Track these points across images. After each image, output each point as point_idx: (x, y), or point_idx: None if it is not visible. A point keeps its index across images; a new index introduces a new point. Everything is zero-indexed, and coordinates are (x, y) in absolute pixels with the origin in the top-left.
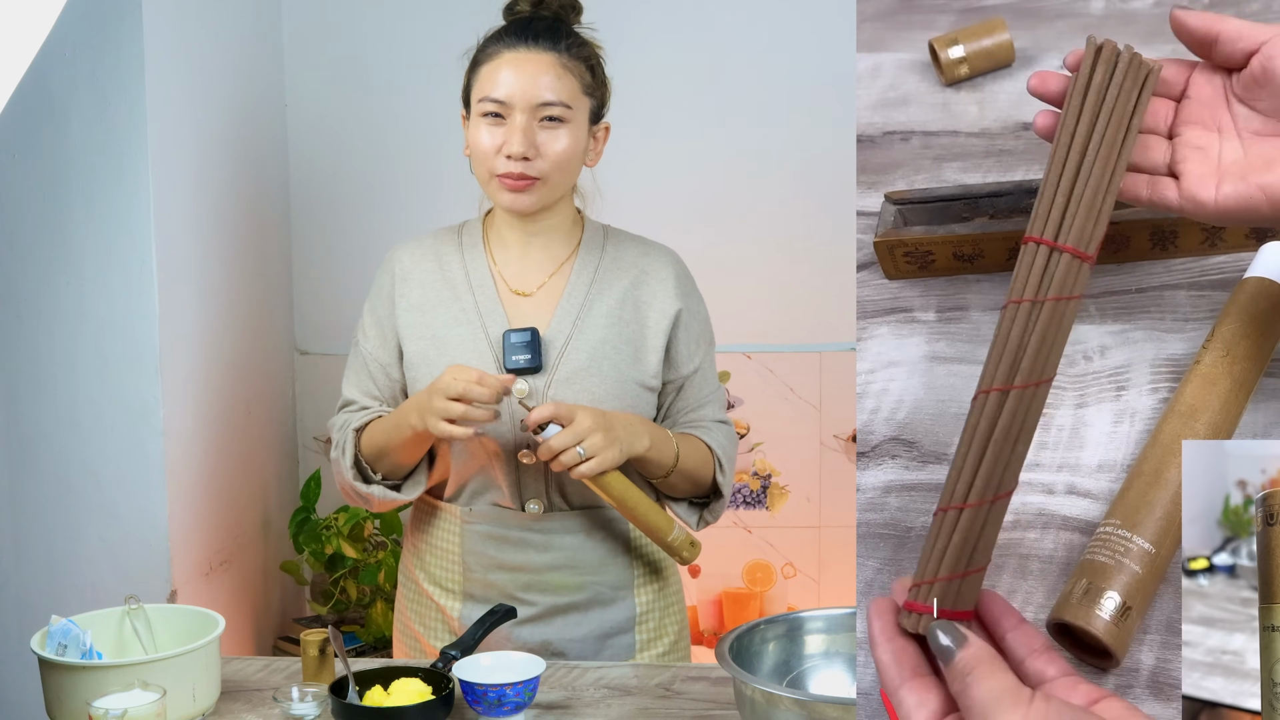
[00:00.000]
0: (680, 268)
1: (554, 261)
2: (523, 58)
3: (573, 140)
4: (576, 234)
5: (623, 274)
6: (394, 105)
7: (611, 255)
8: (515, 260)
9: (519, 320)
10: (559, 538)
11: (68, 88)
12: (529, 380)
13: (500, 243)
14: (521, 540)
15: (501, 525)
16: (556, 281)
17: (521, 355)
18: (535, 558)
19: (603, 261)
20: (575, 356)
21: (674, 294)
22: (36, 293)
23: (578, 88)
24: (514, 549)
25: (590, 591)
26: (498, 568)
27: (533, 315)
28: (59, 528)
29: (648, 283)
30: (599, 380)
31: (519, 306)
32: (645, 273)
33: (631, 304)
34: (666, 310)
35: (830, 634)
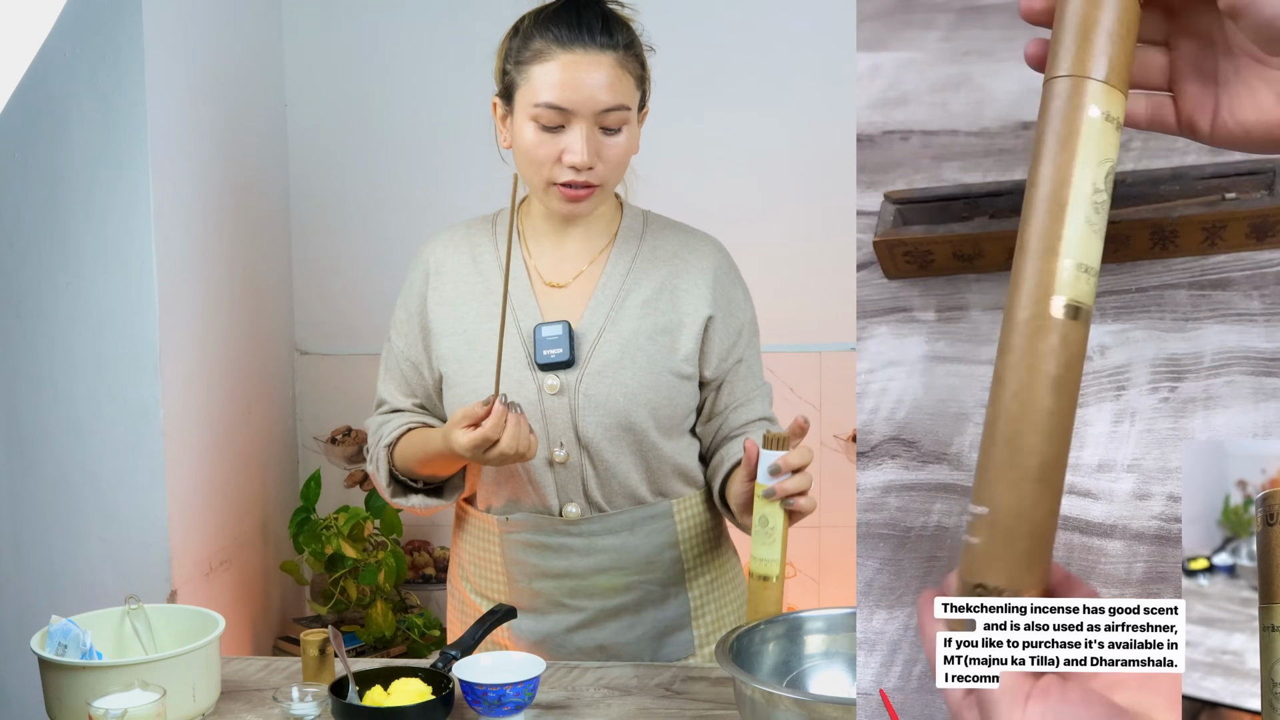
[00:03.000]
0: (722, 257)
1: (590, 252)
2: (581, 60)
3: (629, 140)
4: (615, 222)
5: (660, 264)
6: (394, 105)
7: (650, 245)
8: (550, 251)
9: (552, 313)
10: (600, 540)
11: (68, 88)
12: (560, 375)
13: (535, 234)
14: (563, 546)
15: (540, 533)
16: (592, 272)
17: (553, 350)
18: (579, 562)
19: (640, 251)
20: (608, 349)
21: (711, 284)
22: (36, 293)
23: (632, 85)
24: (556, 555)
25: (640, 591)
26: (542, 575)
27: (566, 308)
28: (59, 528)
29: (687, 272)
30: (632, 372)
31: (552, 299)
32: (685, 262)
33: (669, 294)
34: (704, 299)
35: (830, 634)
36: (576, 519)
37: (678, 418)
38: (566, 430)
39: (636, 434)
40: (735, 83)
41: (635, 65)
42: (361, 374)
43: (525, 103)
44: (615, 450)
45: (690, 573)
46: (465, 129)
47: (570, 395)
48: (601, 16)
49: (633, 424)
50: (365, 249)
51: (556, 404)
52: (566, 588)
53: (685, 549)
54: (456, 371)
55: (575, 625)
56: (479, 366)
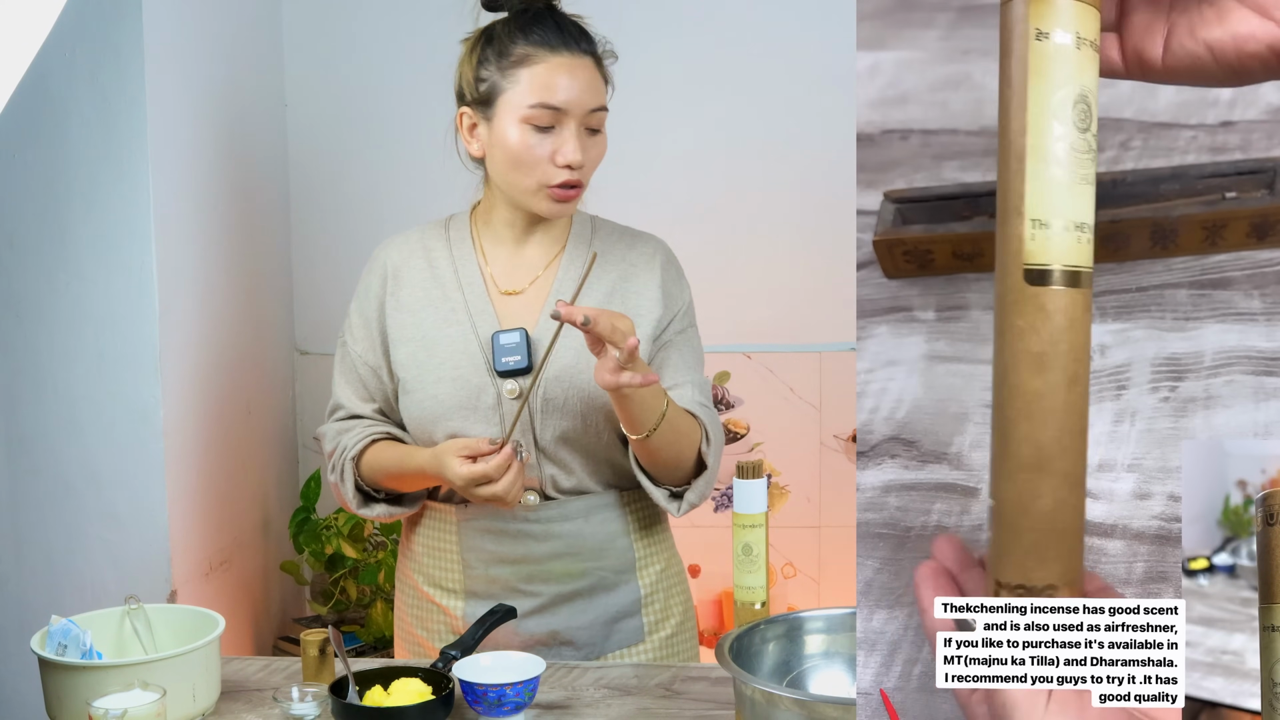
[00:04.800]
0: (666, 256)
1: (543, 258)
2: (569, 63)
3: (604, 143)
4: (565, 229)
5: (610, 268)
6: (394, 105)
7: (600, 248)
8: (506, 258)
9: (509, 320)
10: (557, 525)
11: (68, 88)
12: (519, 381)
13: (493, 239)
14: (520, 532)
15: (498, 519)
16: (545, 279)
17: (511, 357)
18: (535, 548)
19: (589, 254)
20: (564, 354)
21: (659, 283)
22: (36, 293)
23: (606, 91)
24: (513, 541)
25: (593, 577)
26: (498, 562)
27: (522, 314)
28: (59, 528)
29: (636, 275)
30: (586, 376)
31: (509, 305)
32: (633, 266)
33: (620, 297)
34: (654, 300)
35: (830, 634)
36: (534, 506)
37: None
38: (525, 434)
39: (591, 435)
40: (734, 80)
41: (607, 72)
42: None
43: (514, 105)
44: (570, 451)
45: (640, 561)
46: None
47: (530, 398)
48: (574, 24)
49: (589, 426)
50: (365, 249)
51: (515, 408)
52: (523, 573)
53: (635, 538)
54: (415, 378)
55: (530, 610)
56: (438, 373)
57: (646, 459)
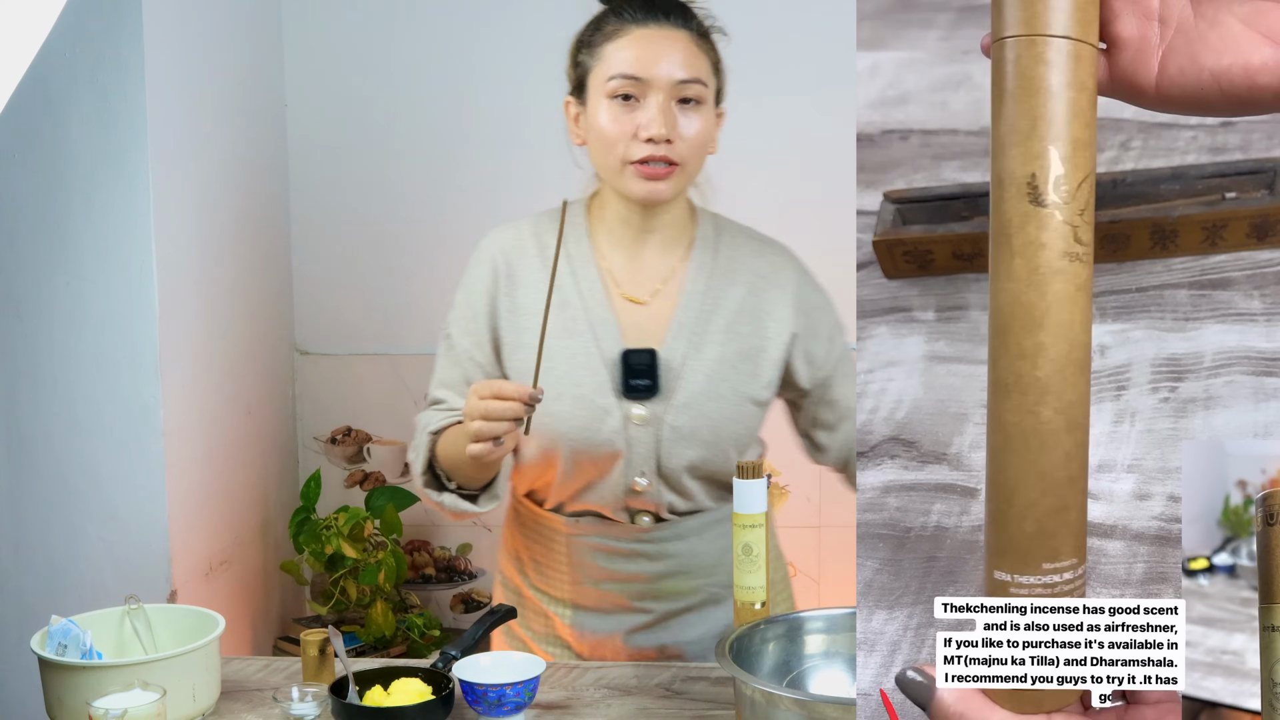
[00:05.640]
0: (798, 268)
1: (668, 264)
2: (655, 34)
3: (706, 123)
4: (690, 229)
5: (738, 278)
6: (394, 105)
7: (726, 256)
8: (627, 260)
9: (633, 333)
10: (671, 545)
11: (68, 88)
12: (648, 405)
13: (610, 237)
14: (633, 552)
15: (610, 538)
16: (671, 288)
17: (641, 380)
18: (648, 567)
19: (717, 264)
20: (694, 379)
21: (793, 301)
22: (36, 293)
23: (709, 67)
24: (625, 560)
25: (705, 593)
26: (609, 579)
27: (647, 327)
28: (59, 528)
29: (767, 290)
30: (717, 404)
31: (632, 316)
32: (763, 278)
33: (749, 314)
34: (785, 320)
35: (830, 634)
36: (649, 528)
37: (752, 439)
38: (649, 460)
39: (719, 463)
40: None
41: (710, 50)
42: (361, 374)
43: (599, 81)
44: (693, 478)
45: None
46: (465, 128)
47: (655, 426)
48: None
49: (716, 455)
50: (365, 249)
51: (641, 434)
52: (634, 591)
53: None
54: None
55: (639, 626)
56: (558, 389)
57: None
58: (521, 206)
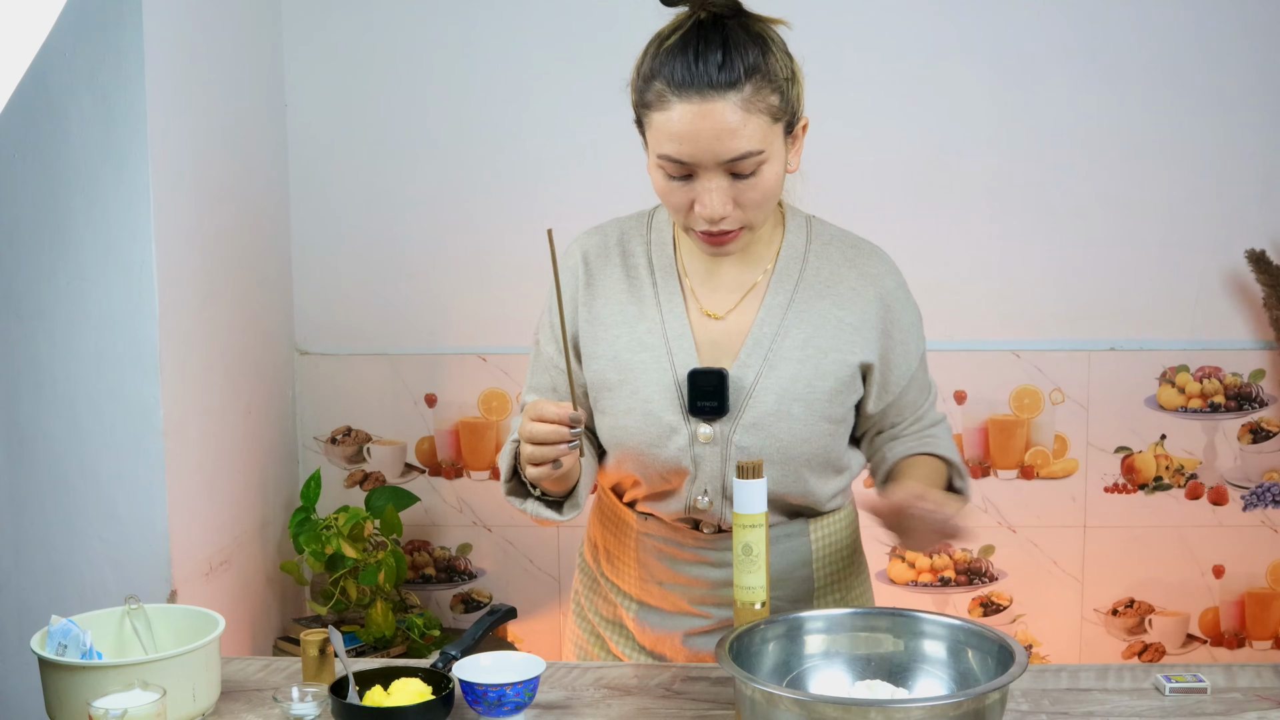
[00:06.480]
0: (892, 279)
1: (750, 276)
2: (699, 110)
3: (772, 176)
4: (776, 240)
5: (824, 289)
6: (394, 105)
7: (814, 267)
8: (705, 271)
9: (708, 349)
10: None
11: (68, 88)
12: (715, 424)
13: (691, 251)
14: (696, 557)
15: (676, 542)
16: (749, 303)
17: (708, 402)
18: (710, 573)
19: (803, 276)
20: (765, 398)
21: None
22: (36, 293)
23: (767, 121)
24: (688, 565)
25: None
26: (672, 580)
27: (723, 343)
28: (59, 528)
29: (853, 303)
30: (788, 424)
31: (709, 332)
32: (851, 290)
33: (831, 329)
34: (869, 341)
35: (830, 634)
36: (713, 535)
37: (830, 459)
38: (714, 479)
39: (788, 484)
40: None
41: (768, 95)
42: (361, 374)
43: (652, 147)
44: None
45: (819, 590)
46: (465, 128)
47: (722, 446)
48: (723, 46)
49: (785, 476)
50: (365, 249)
51: (707, 453)
52: (695, 594)
53: (817, 568)
54: (605, 400)
55: (698, 630)
56: (629, 403)
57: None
58: (521, 206)
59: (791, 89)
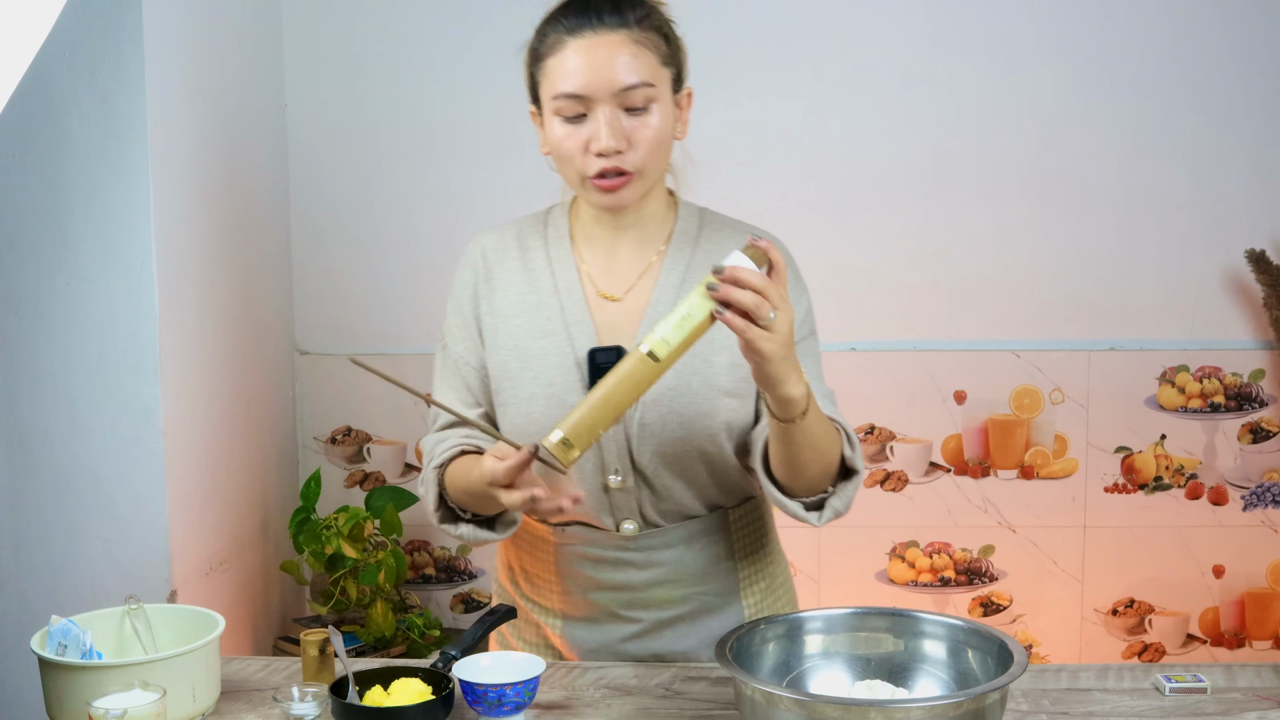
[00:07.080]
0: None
1: (644, 259)
2: (590, 43)
3: (662, 120)
4: (669, 224)
5: None
6: (394, 105)
7: (704, 250)
8: (603, 258)
9: (607, 329)
10: (658, 554)
11: (68, 88)
12: None
13: (587, 238)
14: (619, 560)
15: (596, 546)
16: (644, 284)
17: None
18: (635, 575)
19: (694, 259)
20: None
21: None
22: (36, 293)
23: (656, 61)
24: (612, 569)
25: (695, 602)
26: (598, 588)
27: (620, 323)
28: (59, 528)
29: None
30: (688, 399)
31: (607, 313)
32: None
33: None
34: None
35: (830, 634)
36: (634, 535)
37: (732, 433)
38: (622, 457)
39: (693, 459)
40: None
41: (656, 40)
42: (361, 374)
43: (547, 98)
44: (670, 474)
45: (744, 582)
46: (465, 128)
47: (625, 423)
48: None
49: (689, 451)
50: (365, 249)
51: (612, 431)
52: (622, 600)
53: (739, 560)
54: (508, 390)
55: (630, 635)
56: (531, 389)
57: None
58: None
59: (678, 50)
